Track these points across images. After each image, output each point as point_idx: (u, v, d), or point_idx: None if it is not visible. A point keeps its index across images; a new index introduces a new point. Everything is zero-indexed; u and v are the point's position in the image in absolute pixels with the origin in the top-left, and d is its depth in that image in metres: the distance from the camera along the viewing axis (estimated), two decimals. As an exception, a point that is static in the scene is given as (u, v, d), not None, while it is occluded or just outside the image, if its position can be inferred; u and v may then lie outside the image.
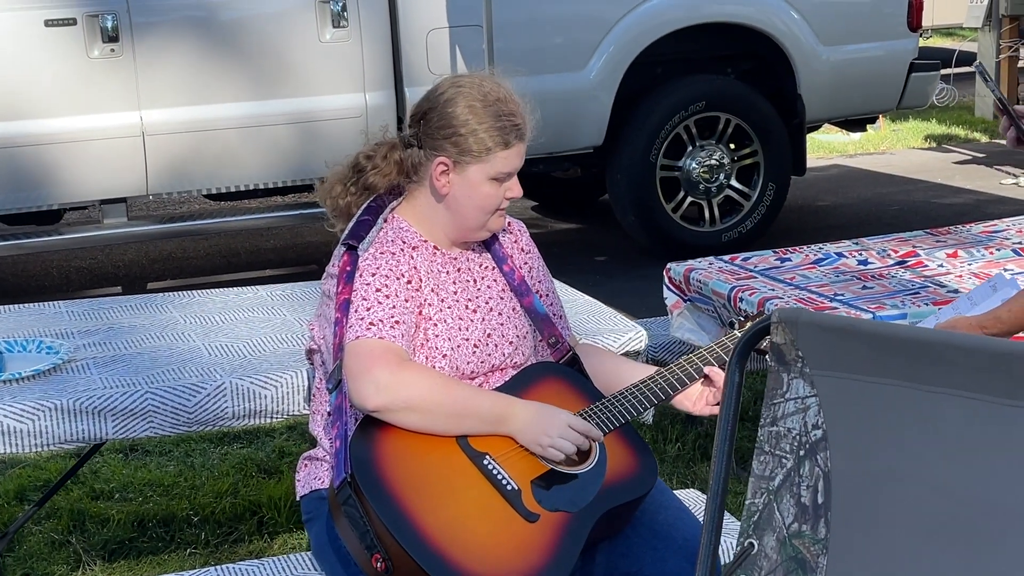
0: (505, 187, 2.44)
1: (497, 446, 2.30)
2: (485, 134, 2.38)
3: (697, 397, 2.48)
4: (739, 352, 1.66)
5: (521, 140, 2.44)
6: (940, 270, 3.63)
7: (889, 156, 9.19)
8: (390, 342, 2.28)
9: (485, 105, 2.39)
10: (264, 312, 3.34)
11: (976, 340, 1.54)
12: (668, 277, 3.79)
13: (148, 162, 5.62)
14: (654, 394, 2.45)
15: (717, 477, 1.67)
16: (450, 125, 2.39)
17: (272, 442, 4.31)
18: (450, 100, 2.40)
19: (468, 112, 2.38)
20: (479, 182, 2.40)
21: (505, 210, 2.49)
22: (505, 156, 2.41)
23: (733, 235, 6.53)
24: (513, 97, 2.46)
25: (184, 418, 2.74)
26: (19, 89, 5.43)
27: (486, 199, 2.42)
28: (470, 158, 2.39)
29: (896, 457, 1.56)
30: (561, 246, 7.03)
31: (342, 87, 5.84)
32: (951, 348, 1.53)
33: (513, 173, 2.45)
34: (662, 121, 6.36)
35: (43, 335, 3.12)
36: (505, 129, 2.40)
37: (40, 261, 6.97)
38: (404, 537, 2.14)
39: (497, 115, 2.39)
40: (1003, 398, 1.49)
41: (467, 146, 2.38)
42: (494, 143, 2.39)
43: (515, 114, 2.43)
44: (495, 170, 2.40)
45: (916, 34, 6.80)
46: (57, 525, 3.71)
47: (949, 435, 1.53)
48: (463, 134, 2.38)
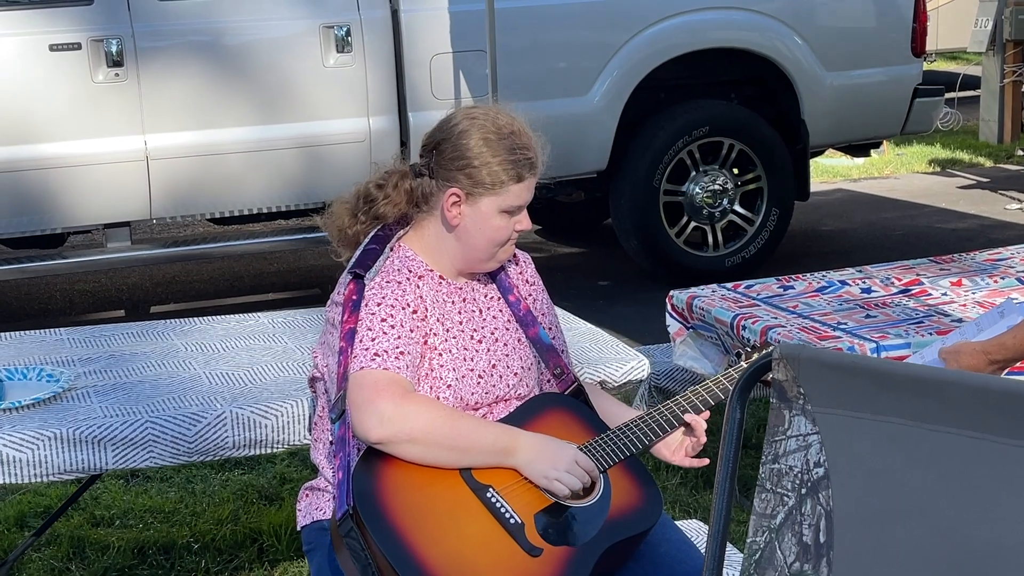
0: (515, 220, 2.44)
1: (501, 479, 2.29)
2: (499, 167, 2.38)
3: (677, 446, 2.46)
4: (740, 389, 1.65)
5: (533, 174, 2.44)
6: (944, 299, 3.62)
7: (893, 180, 9.18)
8: (394, 373, 2.27)
9: (499, 138, 2.39)
10: (265, 340, 3.33)
11: (979, 379, 1.53)
12: (671, 304, 3.77)
13: (152, 186, 5.63)
14: (660, 426, 2.44)
15: (718, 516, 1.66)
16: (464, 157, 2.38)
17: (273, 468, 4.30)
18: (464, 132, 2.40)
19: (483, 144, 2.38)
20: (491, 214, 2.40)
21: (515, 242, 2.48)
22: (517, 190, 2.41)
23: (736, 260, 6.52)
24: (526, 130, 2.46)
25: (184, 448, 2.73)
26: (24, 113, 5.44)
27: (497, 231, 2.42)
28: (483, 190, 2.39)
29: (898, 496, 1.55)
30: (564, 270, 7.03)
31: (346, 112, 5.84)
32: (954, 386, 1.52)
33: (523, 206, 2.45)
34: (666, 146, 6.36)
35: (44, 363, 3.11)
36: (519, 163, 2.40)
37: (44, 284, 6.97)
38: (405, 570, 2.13)
39: (511, 148, 2.39)
40: (1006, 437, 1.48)
41: (480, 178, 2.38)
42: (507, 176, 2.39)
43: (528, 147, 2.43)
44: (507, 203, 2.40)
45: (920, 59, 6.81)
46: (57, 552, 3.70)
47: (952, 475, 1.51)
48: (477, 166, 2.38)
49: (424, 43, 5.94)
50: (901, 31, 6.70)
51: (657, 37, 6.30)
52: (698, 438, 2.42)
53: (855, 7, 6.71)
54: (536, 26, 6.14)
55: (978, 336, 2.51)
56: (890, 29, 6.72)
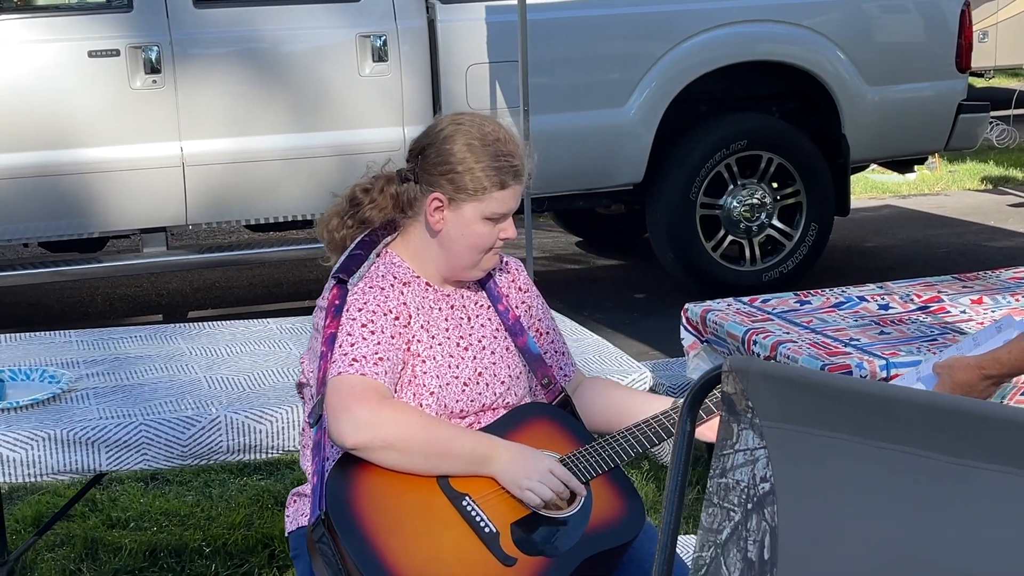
0: (499, 228, 2.42)
1: (478, 487, 2.27)
2: (482, 173, 2.36)
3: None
4: (690, 402, 1.63)
5: (518, 182, 2.41)
6: (962, 316, 3.55)
7: (943, 197, 9.06)
8: (372, 379, 2.26)
9: (484, 144, 2.38)
10: (270, 345, 3.34)
11: (925, 396, 1.50)
12: (685, 317, 3.74)
13: (188, 192, 5.68)
14: (647, 439, 2.41)
15: (667, 528, 1.63)
16: (447, 162, 2.37)
17: (292, 474, 4.31)
18: (449, 137, 2.39)
19: (466, 150, 2.37)
20: (473, 220, 2.38)
21: (500, 250, 2.46)
22: (500, 197, 2.39)
23: (774, 275, 6.46)
24: (513, 138, 2.44)
25: (178, 451, 2.75)
26: (63, 118, 5.51)
27: (479, 238, 2.40)
28: (465, 196, 2.37)
29: (842, 514, 1.51)
30: (601, 282, 7.00)
31: (381, 121, 5.87)
32: (899, 403, 1.48)
33: (508, 214, 2.43)
34: (703, 159, 6.32)
35: (49, 364, 3.14)
36: (502, 170, 2.38)
37: (86, 288, 7.06)
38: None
39: (495, 155, 2.38)
40: (950, 456, 1.44)
41: (463, 184, 2.37)
42: (490, 183, 2.37)
43: (513, 155, 2.40)
44: (490, 210, 2.38)
45: (965, 75, 6.71)
46: (71, 552, 3.73)
47: (896, 493, 1.48)
48: (460, 172, 2.37)
49: (460, 53, 5.95)
50: (946, 46, 6.62)
51: (696, 49, 6.27)
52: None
53: (899, 21, 6.63)
54: (573, 37, 6.13)
55: (974, 351, 2.46)
56: (934, 44, 6.63)
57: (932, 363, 2.47)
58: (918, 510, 1.47)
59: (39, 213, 5.55)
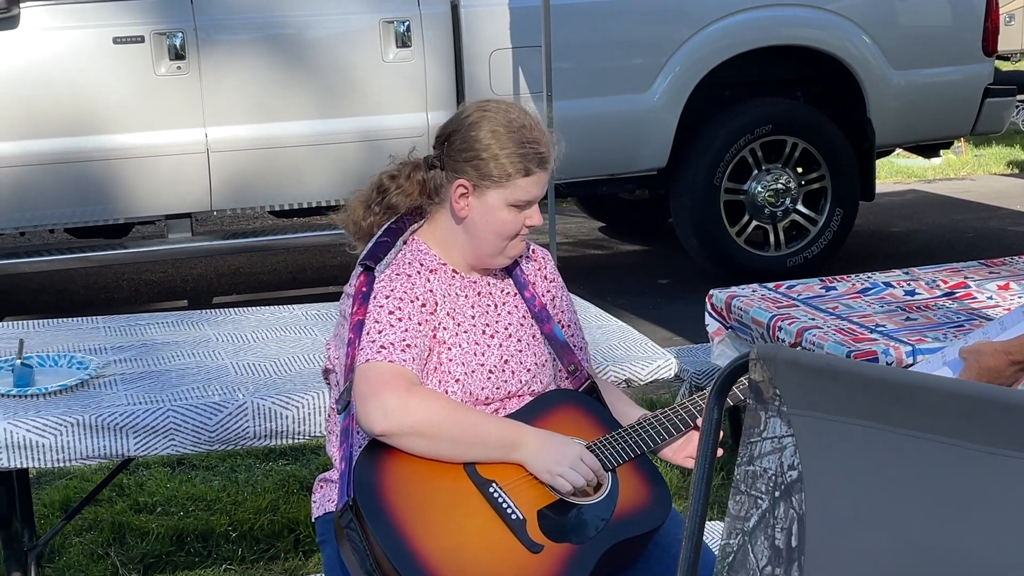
0: (525, 215, 2.42)
1: (505, 474, 2.27)
2: (506, 160, 2.36)
3: (679, 447, 2.43)
4: (717, 390, 1.63)
5: (543, 169, 2.41)
6: (989, 302, 3.54)
7: (969, 182, 9.01)
8: (400, 366, 2.27)
9: (509, 131, 2.38)
10: (296, 332, 3.35)
11: (952, 384, 1.49)
12: (710, 303, 3.73)
13: (212, 178, 5.70)
14: (673, 425, 2.41)
15: (694, 515, 1.63)
16: (472, 148, 2.37)
17: (317, 459, 4.33)
18: (474, 124, 2.39)
19: (491, 137, 2.37)
20: (497, 207, 2.38)
21: (525, 237, 2.46)
22: (525, 184, 2.38)
23: (799, 260, 6.44)
24: (539, 126, 2.43)
25: (205, 436, 2.76)
26: (88, 105, 5.53)
27: (504, 225, 2.40)
28: (490, 183, 2.37)
29: (869, 502, 1.51)
30: (625, 268, 7.00)
31: (405, 107, 5.87)
32: (927, 391, 1.48)
33: (533, 201, 2.42)
34: (727, 144, 6.30)
35: (77, 350, 3.16)
36: (527, 156, 2.37)
37: (112, 274, 7.10)
38: (402, 563, 2.12)
39: (520, 142, 2.37)
40: (980, 445, 1.44)
41: (487, 171, 2.37)
42: (515, 169, 2.37)
43: (539, 142, 2.40)
44: (514, 197, 2.38)
45: (991, 59, 6.67)
46: (98, 537, 3.76)
47: (923, 482, 1.48)
48: (484, 158, 2.37)
49: (484, 38, 5.94)
50: (972, 30, 6.57)
51: (721, 33, 6.25)
52: None
53: (925, 5, 6.59)
54: (597, 21, 6.11)
55: (1001, 336, 2.45)
56: (961, 28, 6.59)
57: (958, 348, 2.46)
58: (945, 498, 1.47)
59: (64, 199, 5.58)
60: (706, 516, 1.65)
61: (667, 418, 2.41)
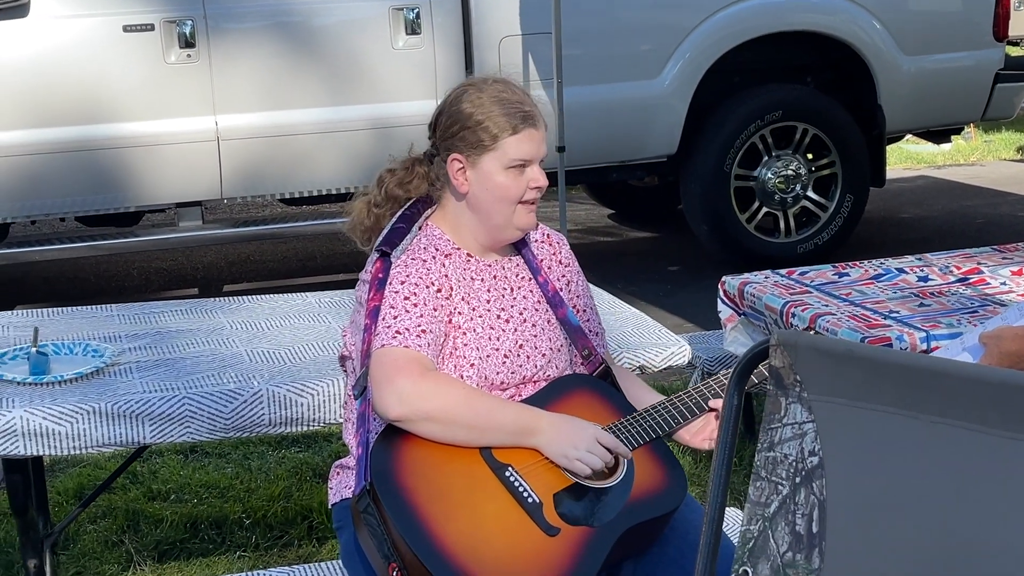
0: (527, 177, 2.41)
1: (521, 458, 2.28)
2: (491, 123, 2.38)
3: (698, 430, 2.43)
4: (737, 376, 1.63)
5: (532, 126, 2.40)
6: (1003, 288, 3.53)
7: (979, 168, 8.99)
8: (415, 351, 2.27)
9: (490, 97, 2.40)
10: (310, 319, 3.35)
11: (975, 369, 1.49)
12: (723, 290, 3.73)
13: (223, 166, 5.70)
14: (688, 409, 2.41)
15: (714, 502, 1.63)
16: (457, 121, 2.40)
17: (330, 447, 4.34)
18: (456, 98, 2.43)
19: (472, 106, 2.39)
20: (494, 172, 2.39)
21: (533, 204, 2.45)
22: (515, 142, 2.38)
23: (809, 247, 6.43)
24: (520, 89, 2.46)
25: (221, 424, 2.76)
26: (98, 93, 5.53)
27: (504, 189, 2.39)
28: (481, 150, 2.38)
29: (892, 488, 1.51)
30: (635, 255, 6.99)
31: (414, 94, 5.86)
32: (950, 377, 1.48)
33: (531, 161, 2.41)
34: (737, 130, 6.29)
35: (91, 338, 3.16)
36: (511, 115, 2.38)
37: (122, 262, 7.10)
38: (419, 547, 2.13)
39: (501, 102, 2.39)
40: (1002, 430, 1.44)
41: (476, 138, 2.38)
42: (499, 129, 2.37)
43: (522, 102, 2.41)
44: (508, 157, 2.38)
45: (1002, 44, 6.64)
46: (112, 524, 3.77)
47: (946, 468, 1.48)
48: (470, 127, 2.38)
49: (493, 25, 5.93)
50: (983, 15, 6.55)
51: (731, 19, 6.23)
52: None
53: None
54: (607, 8, 6.10)
55: (1021, 320, 2.44)
56: (971, 13, 6.57)
57: (978, 333, 2.45)
58: (967, 484, 1.47)
59: (75, 188, 5.58)
60: (726, 502, 1.65)
61: (681, 402, 2.41)
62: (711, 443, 2.41)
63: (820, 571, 1.55)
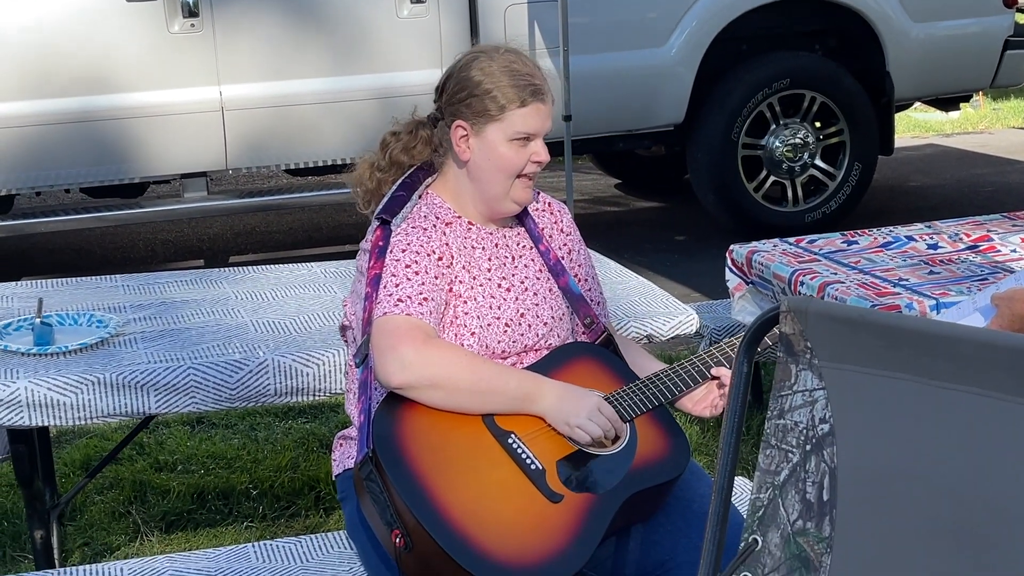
0: (530, 150, 2.40)
1: (524, 425, 2.27)
2: (499, 93, 2.36)
3: (700, 399, 2.42)
4: (747, 343, 1.61)
5: (539, 100, 2.39)
6: (1013, 255, 3.50)
7: (987, 136, 8.94)
8: (417, 319, 2.26)
9: (500, 67, 2.38)
10: (315, 289, 3.34)
11: (987, 335, 1.47)
12: (731, 259, 3.71)
13: (227, 137, 5.67)
14: (691, 376, 2.40)
15: (723, 471, 1.62)
16: (465, 88, 2.38)
17: (336, 417, 4.33)
18: (465, 65, 2.40)
19: (482, 73, 2.37)
20: (497, 143, 2.37)
21: (532, 178, 2.44)
22: (522, 114, 2.37)
23: (816, 216, 6.40)
24: (530, 61, 2.44)
25: (226, 394, 2.75)
26: (102, 63, 5.50)
27: (506, 161, 2.38)
28: (487, 119, 2.37)
29: (904, 455, 1.50)
30: (642, 225, 6.96)
31: (420, 63, 5.83)
32: (964, 343, 1.46)
33: (535, 135, 2.40)
34: (745, 98, 6.25)
35: (96, 309, 3.15)
36: (520, 87, 2.36)
37: (127, 233, 7.09)
38: (423, 513, 2.11)
39: (511, 73, 2.37)
40: (1016, 396, 1.42)
41: (482, 107, 2.36)
42: (507, 100, 2.36)
43: (532, 75, 2.39)
44: (513, 129, 2.37)
45: (1012, 10, 6.59)
46: (119, 496, 3.77)
47: (959, 434, 1.46)
48: (477, 95, 2.36)
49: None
50: (992, -20, 6.50)
51: (738, -13, 6.18)
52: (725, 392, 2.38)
53: (944, -44, 6.52)
54: (613, -25, 6.05)
55: None
56: (981, -22, 6.51)
57: (989, 294, 2.43)
58: (980, 450, 1.45)
59: (80, 159, 5.56)
60: (735, 471, 1.63)
61: (684, 370, 2.40)
62: (712, 411, 2.40)
63: (831, 539, 1.54)
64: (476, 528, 2.12)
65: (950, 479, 1.47)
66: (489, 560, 2.09)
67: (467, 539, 2.11)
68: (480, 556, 2.09)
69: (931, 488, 1.48)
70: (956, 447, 1.47)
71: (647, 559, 2.33)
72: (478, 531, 2.12)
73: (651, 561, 2.32)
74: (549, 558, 2.13)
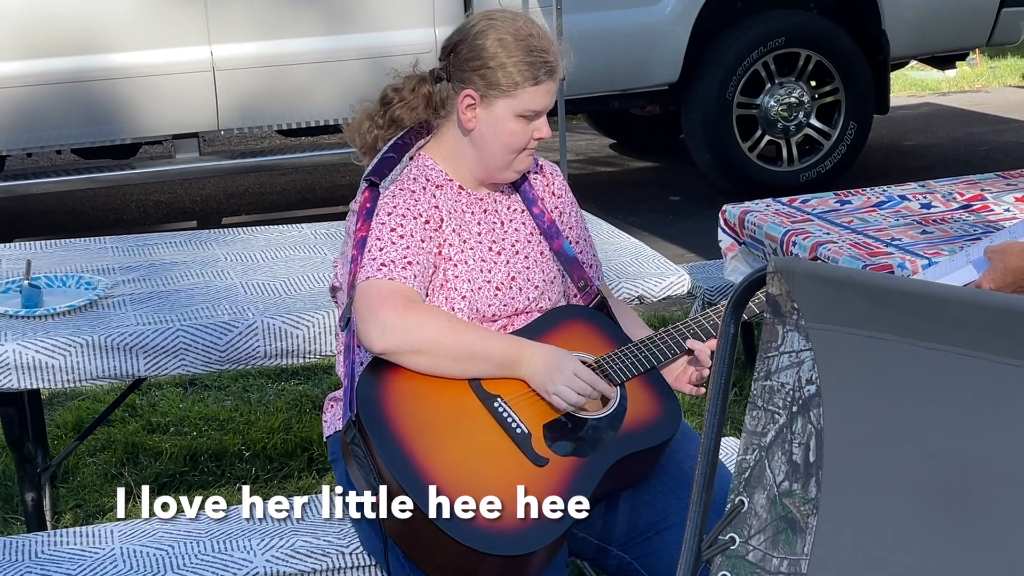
0: (533, 126, 2.38)
1: (510, 389, 2.26)
2: (514, 68, 2.32)
3: (680, 373, 2.39)
4: (734, 304, 1.60)
5: (551, 78, 2.37)
6: (1006, 215, 3.49)
7: (984, 94, 8.91)
8: (400, 283, 2.24)
9: (517, 39, 2.34)
10: (305, 251, 3.32)
11: (977, 295, 1.46)
12: (723, 219, 3.69)
13: (219, 97, 5.64)
14: (684, 339, 2.38)
15: (709, 432, 1.61)
16: (479, 57, 2.33)
17: (329, 379, 4.33)
18: (481, 32, 2.35)
19: (498, 45, 2.33)
20: (505, 118, 2.35)
21: (533, 151, 2.42)
22: (534, 92, 2.34)
23: (812, 175, 6.38)
24: (547, 35, 2.40)
25: (216, 356, 2.74)
26: (92, 23, 5.46)
27: (512, 136, 2.36)
28: (498, 92, 2.33)
29: (890, 416, 1.49)
30: (636, 185, 6.94)
31: (412, 22, 5.78)
32: (951, 303, 1.45)
33: (542, 112, 2.38)
34: (740, 57, 6.21)
35: (85, 270, 3.13)
36: (535, 65, 2.33)
37: (120, 194, 7.06)
38: (405, 478, 2.10)
39: (528, 49, 2.33)
40: (1002, 356, 1.41)
41: (495, 80, 2.33)
42: (522, 78, 2.33)
43: (547, 51, 2.36)
44: (523, 106, 2.34)
45: (1008, -33, 6.55)
46: (112, 457, 3.77)
47: (946, 395, 1.45)
48: (492, 67, 2.32)
49: (492, -48, 5.83)
50: (989, -63, 6.45)
51: (733, -57, 6.14)
52: (701, 365, 2.35)
53: (940, -88, 6.46)
54: (607, -67, 6.00)
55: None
56: (977, -65, 6.46)
57: (983, 247, 2.42)
58: (969, 411, 1.44)
59: (71, 120, 5.53)
60: (722, 431, 1.62)
61: (678, 332, 2.38)
62: (694, 389, 2.37)
63: (817, 501, 1.53)
64: (458, 493, 2.11)
65: (936, 440, 1.46)
66: (471, 524, 2.08)
67: (449, 503, 2.10)
68: (462, 520, 2.08)
69: (917, 449, 1.47)
70: (942, 408, 1.46)
71: (638, 519, 2.32)
72: (460, 495, 2.11)
73: (643, 521, 2.32)
74: (532, 522, 2.12)
